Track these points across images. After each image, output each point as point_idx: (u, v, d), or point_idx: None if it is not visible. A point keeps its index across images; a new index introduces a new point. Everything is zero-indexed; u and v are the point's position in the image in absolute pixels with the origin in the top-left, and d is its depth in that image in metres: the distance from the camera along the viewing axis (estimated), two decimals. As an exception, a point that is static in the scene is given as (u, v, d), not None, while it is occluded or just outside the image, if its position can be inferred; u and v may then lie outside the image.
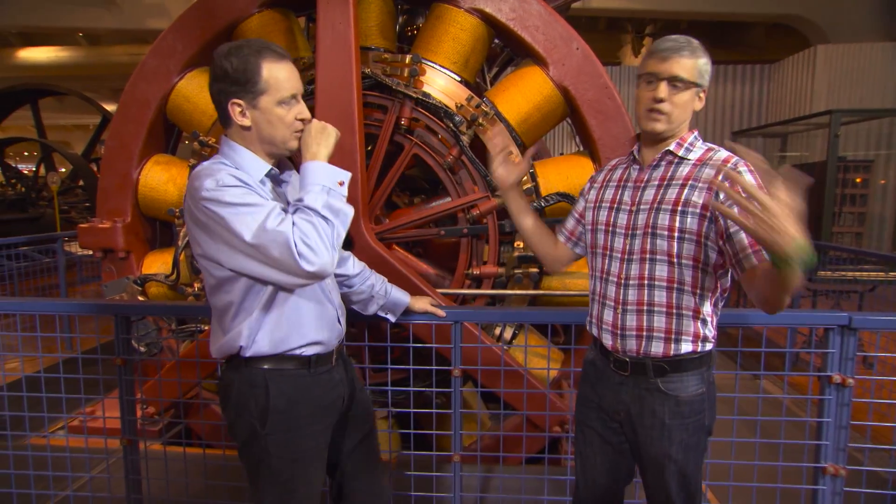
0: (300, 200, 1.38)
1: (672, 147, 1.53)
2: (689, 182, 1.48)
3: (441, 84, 3.11)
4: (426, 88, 3.08)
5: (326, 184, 1.39)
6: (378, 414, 3.25)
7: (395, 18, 3.40)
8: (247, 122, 1.44)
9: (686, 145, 1.53)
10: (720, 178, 1.42)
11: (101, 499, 2.27)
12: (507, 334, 3.15)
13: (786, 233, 1.12)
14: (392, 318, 2.03)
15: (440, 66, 3.14)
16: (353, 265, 1.90)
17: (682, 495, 1.52)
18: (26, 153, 23.38)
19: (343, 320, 1.67)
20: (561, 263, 1.86)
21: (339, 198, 1.40)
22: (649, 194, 1.54)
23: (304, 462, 1.53)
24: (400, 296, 2.02)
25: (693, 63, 1.48)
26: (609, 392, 1.59)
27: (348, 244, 2.91)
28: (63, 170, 14.85)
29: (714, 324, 1.54)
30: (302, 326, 1.51)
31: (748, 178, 1.39)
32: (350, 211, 1.43)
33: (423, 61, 3.10)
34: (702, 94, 1.52)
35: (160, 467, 2.19)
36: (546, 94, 3.11)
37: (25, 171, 12.10)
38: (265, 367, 1.49)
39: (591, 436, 1.66)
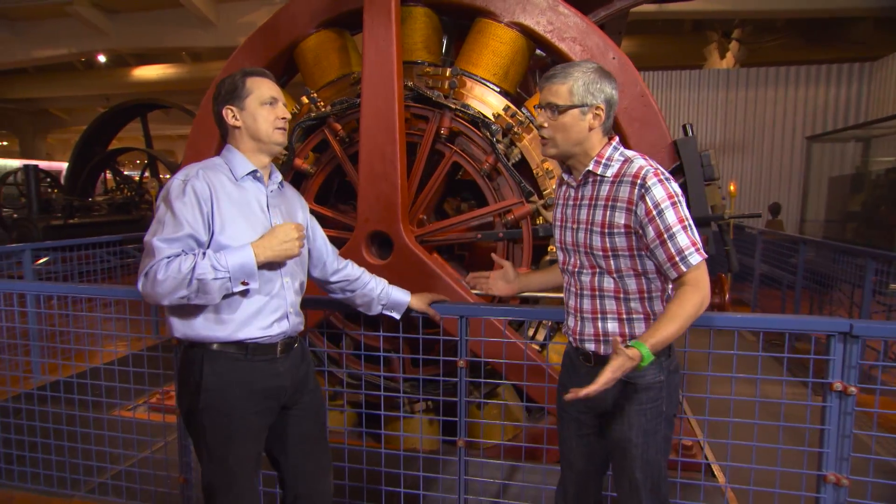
0: (217, 255, 1.55)
1: (591, 167, 1.61)
2: (610, 203, 1.57)
3: (480, 95, 3.27)
4: (467, 100, 3.25)
5: (234, 273, 1.55)
6: (417, 406, 3.45)
7: (440, 33, 3.60)
8: (238, 122, 1.71)
9: (604, 161, 1.60)
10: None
11: (159, 460, 2.64)
12: (541, 335, 3.24)
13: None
14: (397, 316, 2.21)
15: (480, 77, 3.30)
16: (352, 270, 2.09)
17: (648, 483, 1.59)
18: (137, 161, 25.84)
19: (293, 320, 1.76)
20: None
21: (221, 286, 1.54)
22: (583, 214, 1.64)
23: (237, 440, 1.65)
24: (400, 296, 2.18)
25: (566, 87, 1.56)
26: (578, 380, 1.69)
27: (388, 245, 3.13)
28: (167, 176, 16.27)
29: None
30: (236, 322, 1.63)
31: (657, 191, 1.49)
32: (212, 301, 1.56)
33: (464, 74, 3.27)
34: (596, 112, 1.57)
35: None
36: (583, 102, 3.18)
37: (137, 178, 13.43)
38: (205, 348, 1.64)
39: (568, 422, 1.77)
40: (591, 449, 1.74)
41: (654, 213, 1.49)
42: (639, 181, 1.52)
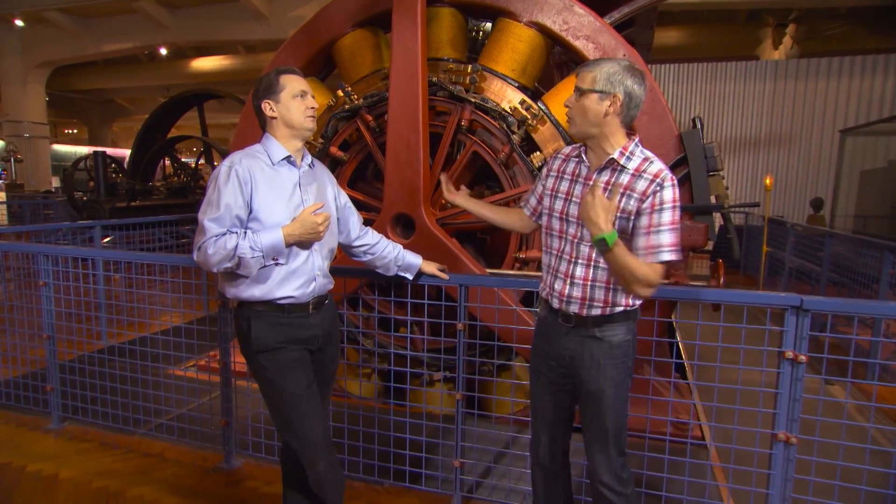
0: (254, 237, 1.89)
1: (615, 155, 1.82)
2: (627, 192, 1.79)
3: (499, 89, 3.52)
4: (486, 94, 3.51)
5: (266, 252, 1.90)
6: (436, 375, 3.76)
7: (465, 31, 3.86)
8: (274, 113, 2.01)
9: (627, 154, 1.81)
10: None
11: (206, 408, 3.11)
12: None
13: (590, 220, 1.67)
14: (409, 277, 2.50)
15: (500, 73, 3.55)
16: (372, 237, 2.39)
17: (614, 427, 1.84)
18: (194, 148, 27.14)
19: (320, 281, 2.08)
20: (529, 229, 2.28)
21: (257, 262, 1.90)
22: None
23: (288, 368, 1.99)
24: (413, 259, 2.48)
25: (591, 75, 1.79)
26: (556, 341, 1.93)
27: (410, 226, 3.44)
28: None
29: None
30: (272, 284, 1.97)
31: (668, 193, 1.73)
32: (250, 273, 1.92)
33: (484, 69, 3.53)
34: (613, 100, 1.77)
35: (247, 394, 2.90)
36: (595, 96, 3.40)
37: (193, 164, 14.23)
38: (251, 308, 1.99)
39: (541, 379, 2.01)
40: (559, 402, 1.99)
41: (658, 208, 1.74)
42: (657, 180, 1.75)
